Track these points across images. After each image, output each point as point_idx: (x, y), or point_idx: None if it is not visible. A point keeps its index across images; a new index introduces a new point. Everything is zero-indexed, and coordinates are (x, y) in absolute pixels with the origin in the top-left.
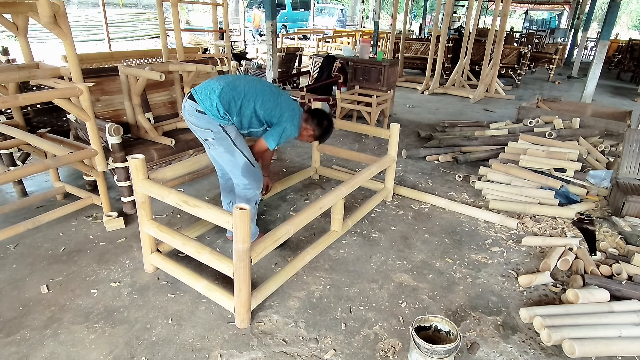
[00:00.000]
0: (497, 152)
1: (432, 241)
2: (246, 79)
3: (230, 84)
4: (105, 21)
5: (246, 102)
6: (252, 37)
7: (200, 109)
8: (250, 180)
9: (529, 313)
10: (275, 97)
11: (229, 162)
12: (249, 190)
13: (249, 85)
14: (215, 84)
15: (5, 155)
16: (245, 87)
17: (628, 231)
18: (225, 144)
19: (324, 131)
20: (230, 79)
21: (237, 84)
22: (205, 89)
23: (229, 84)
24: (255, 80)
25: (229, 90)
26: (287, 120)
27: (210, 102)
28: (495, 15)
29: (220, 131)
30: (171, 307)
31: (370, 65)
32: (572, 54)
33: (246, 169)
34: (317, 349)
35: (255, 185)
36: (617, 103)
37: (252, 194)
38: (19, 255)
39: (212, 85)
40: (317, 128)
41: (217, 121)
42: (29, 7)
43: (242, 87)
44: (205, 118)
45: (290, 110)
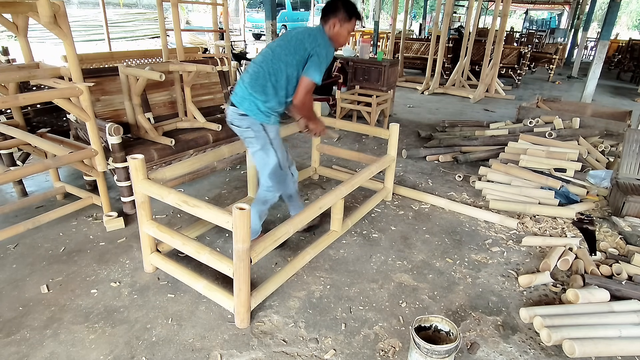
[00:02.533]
0: (497, 152)
1: (432, 241)
2: (259, 59)
3: (253, 75)
4: (105, 21)
5: (277, 76)
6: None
7: (242, 112)
8: (274, 183)
9: (529, 313)
10: (291, 43)
11: (261, 160)
12: (270, 192)
13: (265, 61)
14: (244, 84)
15: (5, 155)
16: (263, 66)
17: (628, 231)
18: (262, 142)
19: (348, 10)
20: (249, 70)
21: (256, 70)
22: (241, 93)
23: (251, 76)
24: (266, 51)
25: (255, 81)
26: (314, 47)
27: (249, 102)
28: (495, 15)
29: (261, 130)
30: (171, 307)
31: (370, 65)
32: (572, 54)
33: (274, 171)
34: (317, 349)
35: (277, 188)
36: (617, 103)
37: (272, 196)
38: (19, 255)
39: (242, 87)
40: (341, 14)
41: (259, 120)
42: (29, 7)
43: (263, 69)
44: (247, 119)
45: (309, 37)
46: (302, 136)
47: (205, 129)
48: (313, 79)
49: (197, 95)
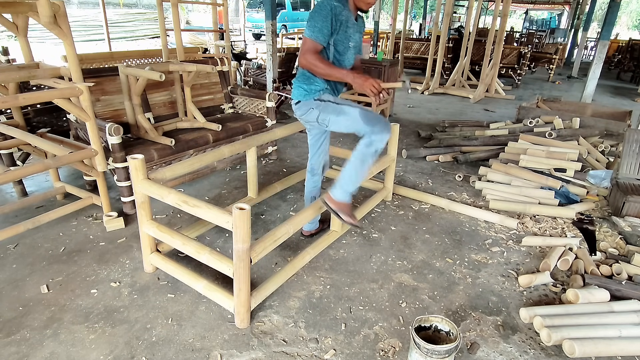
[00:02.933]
0: (497, 152)
1: (432, 241)
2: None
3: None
4: (105, 21)
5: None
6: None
7: (295, 101)
8: (376, 122)
9: (529, 313)
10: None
11: (346, 121)
12: (376, 134)
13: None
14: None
15: (5, 155)
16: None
17: (628, 231)
18: (330, 109)
19: None
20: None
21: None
22: (293, 87)
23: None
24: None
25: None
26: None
27: (296, 90)
28: (495, 15)
29: (319, 103)
30: (171, 307)
31: (370, 65)
32: (572, 54)
33: (365, 115)
34: (317, 349)
35: (382, 127)
36: (617, 103)
37: (377, 137)
38: (19, 255)
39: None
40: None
41: (311, 98)
42: (29, 7)
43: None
44: (302, 105)
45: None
46: (302, 136)
47: (205, 129)
48: (305, 35)
49: (197, 95)
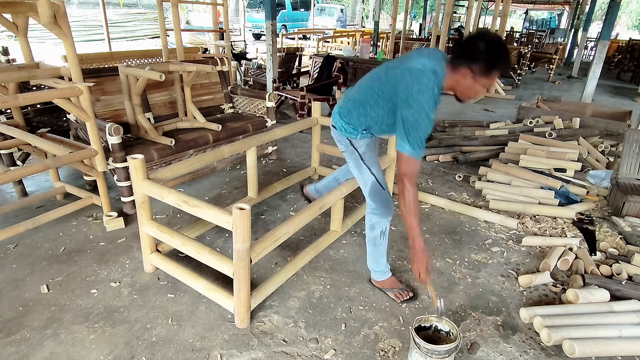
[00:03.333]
0: (497, 152)
1: (432, 241)
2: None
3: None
4: (105, 21)
5: (367, 109)
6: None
7: (333, 123)
8: (378, 204)
9: (529, 313)
10: (388, 84)
11: (358, 178)
12: (375, 215)
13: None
14: (342, 102)
15: (5, 155)
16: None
17: (628, 231)
18: (353, 158)
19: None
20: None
21: (353, 96)
22: (337, 108)
23: (347, 100)
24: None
25: (345, 104)
26: (402, 103)
27: (337, 118)
28: (495, 15)
29: (348, 144)
30: (171, 307)
31: (370, 65)
32: (572, 54)
33: (373, 190)
34: (317, 349)
35: (382, 211)
36: (617, 103)
37: (376, 219)
38: (19, 255)
39: (341, 104)
40: (479, 64)
41: (344, 134)
42: (29, 7)
43: (357, 96)
44: (335, 132)
45: (403, 84)
46: (301, 136)
47: (205, 129)
48: (404, 151)
49: (197, 95)
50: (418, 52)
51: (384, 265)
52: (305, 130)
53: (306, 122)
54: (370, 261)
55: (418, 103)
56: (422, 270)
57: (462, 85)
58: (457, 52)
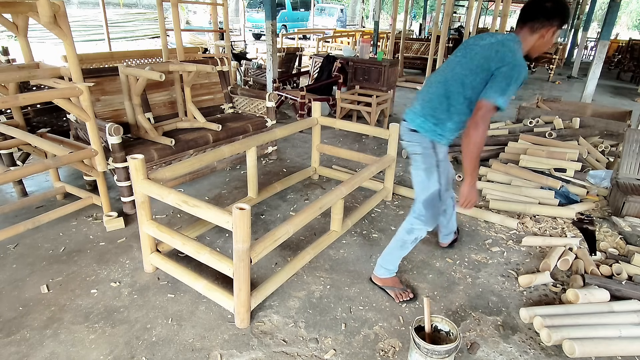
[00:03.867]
0: (497, 152)
1: (432, 241)
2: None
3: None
4: (105, 21)
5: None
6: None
7: (413, 128)
8: (429, 213)
9: (529, 313)
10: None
11: (421, 183)
12: (420, 221)
13: (442, 81)
14: (419, 102)
15: (5, 155)
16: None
17: (628, 231)
18: (428, 162)
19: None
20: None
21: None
22: (415, 110)
23: (425, 96)
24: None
25: (429, 102)
26: (500, 67)
27: (422, 120)
28: (495, 15)
29: (430, 147)
30: (171, 307)
31: (370, 65)
32: (572, 54)
33: (432, 199)
34: (317, 349)
35: (429, 220)
36: (617, 103)
37: (419, 226)
38: (19, 255)
39: (417, 105)
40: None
41: (429, 137)
42: (29, 7)
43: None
44: (417, 135)
45: (496, 55)
46: (301, 136)
47: (205, 129)
48: (494, 102)
49: (197, 95)
50: (485, 34)
51: (396, 267)
52: (305, 130)
53: (306, 122)
54: (385, 258)
55: (516, 60)
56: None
57: (540, 43)
58: (531, 15)
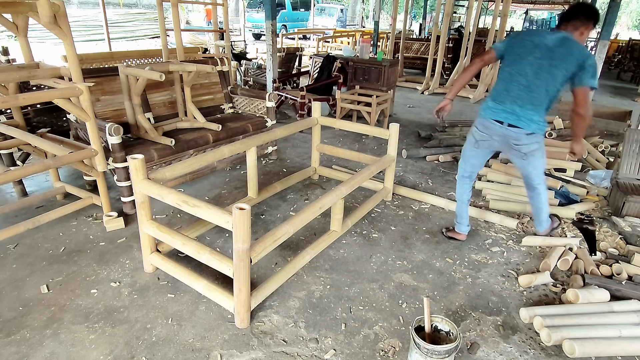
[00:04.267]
0: (497, 152)
1: (432, 241)
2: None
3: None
4: (105, 21)
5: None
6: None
7: (530, 132)
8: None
9: (529, 313)
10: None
11: (540, 167)
12: (545, 188)
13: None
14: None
15: (5, 155)
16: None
17: (628, 231)
18: (542, 151)
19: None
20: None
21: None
22: (524, 114)
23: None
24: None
25: (536, 100)
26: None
27: (536, 122)
28: (495, 15)
29: (542, 140)
30: (171, 307)
31: (370, 65)
32: None
33: (543, 172)
34: (317, 349)
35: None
36: (617, 103)
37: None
38: (19, 255)
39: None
40: (592, 21)
41: (541, 133)
42: (29, 7)
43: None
44: (534, 136)
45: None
46: (301, 136)
47: (205, 129)
48: (591, 85)
49: (197, 95)
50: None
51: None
52: (305, 130)
53: (306, 122)
54: (542, 218)
55: (588, 51)
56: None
57: (579, 39)
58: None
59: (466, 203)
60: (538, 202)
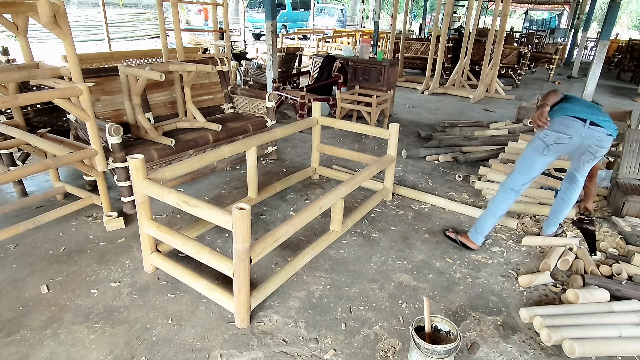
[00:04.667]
0: (497, 152)
1: (432, 241)
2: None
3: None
4: (105, 21)
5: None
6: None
7: (609, 133)
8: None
9: (529, 313)
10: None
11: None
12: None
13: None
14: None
15: (5, 155)
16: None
17: (628, 231)
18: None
19: None
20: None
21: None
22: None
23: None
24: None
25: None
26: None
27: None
28: (495, 15)
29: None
30: (171, 307)
31: (370, 65)
32: (572, 54)
33: None
34: (317, 349)
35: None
36: (617, 103)
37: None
38: (19, 255)
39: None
40: None
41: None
42: (29, 7)
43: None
44: (611, 137)
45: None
46: (301, 136)
47: (205, 129)
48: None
49: (197, 95)
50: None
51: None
52: (305, 130)
53: (306, 122)
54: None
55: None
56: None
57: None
58: None
59: (499, 218)
60: (571, 198)
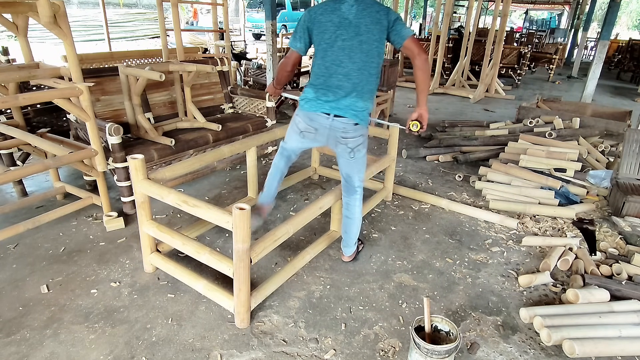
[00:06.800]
0: (497, 152)
1: (432, 241)
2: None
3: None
4: (105, 21)
5: (378, 70)
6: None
7: (356, 122)
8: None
9: (529, 313)
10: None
11: (363, 162)
12: (361, 185)
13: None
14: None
15: (5, 155)
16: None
17: (628, 231)
18: (365, 145)
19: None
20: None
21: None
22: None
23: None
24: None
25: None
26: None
27: (362, 111)
28: (495, 15)
29: (366, 132)
30: (171, 307)
31: None
32: (572, 54)
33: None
34: (317, 349)
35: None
36: (617, 103)
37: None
38: (19, 255)
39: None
40: None
41: (365, 124)
42: (29, 7)
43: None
44: (360, 128)
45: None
46: None
47: (205, 129)
48: (413, 33)
49: (197, 95)
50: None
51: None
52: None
53: None
54: (351, 239)
55: (389, 8)
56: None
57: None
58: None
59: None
60: (354, 211)
